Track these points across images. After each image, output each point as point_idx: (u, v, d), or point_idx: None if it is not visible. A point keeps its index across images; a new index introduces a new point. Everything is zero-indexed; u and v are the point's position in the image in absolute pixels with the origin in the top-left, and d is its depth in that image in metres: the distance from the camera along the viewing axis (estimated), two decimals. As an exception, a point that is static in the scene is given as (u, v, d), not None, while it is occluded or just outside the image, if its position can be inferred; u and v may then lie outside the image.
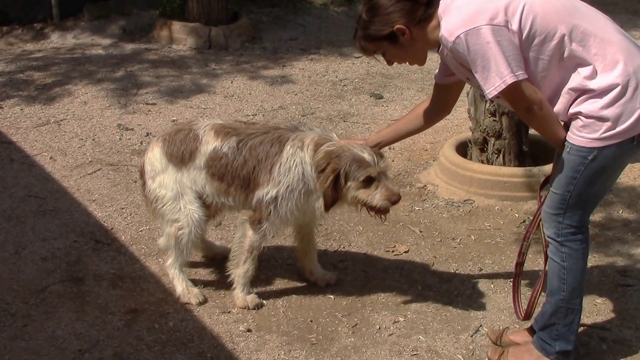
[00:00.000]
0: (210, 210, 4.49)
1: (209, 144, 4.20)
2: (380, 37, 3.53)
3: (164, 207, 4.32)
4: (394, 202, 3.95)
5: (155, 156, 4.34)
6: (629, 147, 3.36)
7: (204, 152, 4.21)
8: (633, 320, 4.27)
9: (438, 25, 3.44)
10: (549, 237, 3.62)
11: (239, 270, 4.30)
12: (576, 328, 3.72)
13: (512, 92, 3.29)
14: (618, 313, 4.34)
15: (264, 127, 4.25)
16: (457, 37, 3.28)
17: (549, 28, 3.27)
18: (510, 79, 3.24)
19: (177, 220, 4.30)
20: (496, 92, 3.28)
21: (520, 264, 3.95)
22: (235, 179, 4.18)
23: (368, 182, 3.92)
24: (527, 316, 3.88)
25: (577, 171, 3.40)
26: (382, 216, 4.06)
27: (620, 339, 4.12)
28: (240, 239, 4.27)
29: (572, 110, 3.35)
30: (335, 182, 3.93)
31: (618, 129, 3.28)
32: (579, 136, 3.34)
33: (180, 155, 4.27)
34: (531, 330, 3.92)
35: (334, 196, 3.97)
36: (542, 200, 3.71)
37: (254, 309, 4.34)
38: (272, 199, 4.07)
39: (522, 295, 3.99)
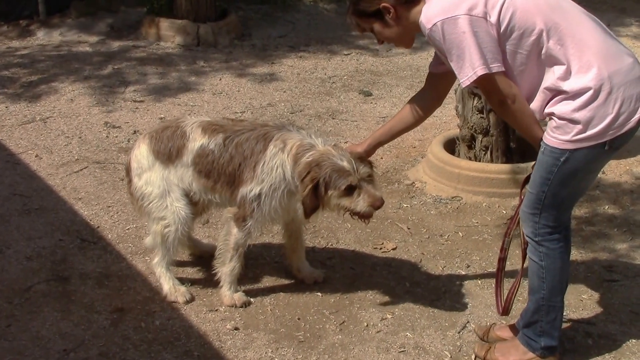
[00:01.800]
0: (197, 207, 4.47)
1: (196, 141, 4.19)
2: (368, 13, 3.57)
3: (150, 205, 4.30)
4: (377, 207, 3.92)
5: (142, 153, 4.32)
6: (601, 152, 3.34)
7: (191, 149, 4.20)
8: (618, 315, 4.28)
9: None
10: (527, 236, 3.63)
11: (225, 268, 4.29)
12: (559, 324, 3.73)
13: (484, 83, 3.32)
14: (603, 308, 4.35)
15: (251, 124, 4.24)
16: (434, 24, 3.30)
17: (528, 23, 3.27)
18: (481, 71, 3.26)
19: (163, 218, 4.29)
20: (468, 82, 3.31)
21: (502, 259, 3.94)
22: (221, 175, 4.16)
23: (349, 190, 3.89)
24: (505, 312, 3.89)
25: (550, 172, 3.39)
26: (366, 220, 4.02)
27: (605, 333, 4.13)
28: (226, 236, 4.25)
29: (547, 110, 3.36)
30: (315, 190, 3.90)
31: (589, 132, 3.27)
32: (552, 137, 3.34)
33: (168, 152, 4.25)
34: (517, 327, 3.92)
35: (314, 204, 3.95)
36: (522, 198, 3.70)
37: (242, 307, 4.32)
38: (255, 197, 4.06)
39: (504, 291, 3.97)
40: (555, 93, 3.31)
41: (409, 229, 5.29)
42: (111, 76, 8.69)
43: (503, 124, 5.86)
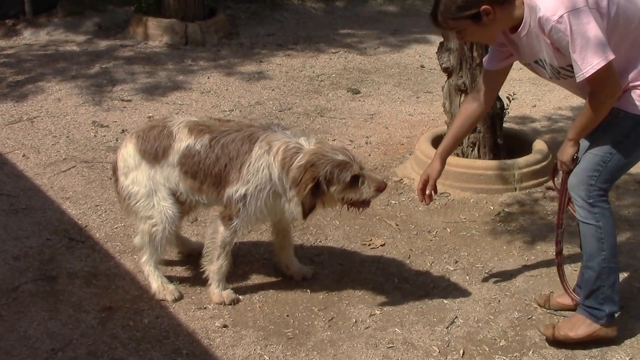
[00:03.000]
0: (184, 206, 4.47)
1: (182, 141, 4.19)
2: (464, 16, 3.53)
3: (137, 204, 4.30)
4: (383, 189, 4.03)
5: (128, 152, 4.31)
6: None
7: (177, 150, 4.20)
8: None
9: (521, 5, 3.51)
10: (579, 199, 3.72)
11: (213, 266, 4.29)
12: (618, 287, 3.83)
13: (604, 73, 3.40)
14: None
15: (238, 125, 4.25)
16: (561, 16, 3.36)
17: (630, 12, 3.49)
18: (604, 60, 3.36)
19: (150, 217, 4.28)
20: (593, 71, 3.37)
21: (559, 253, 4.11)
22: (207, 176, 4.17)
23: (354, 180, 3.96)
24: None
25: (626, 136, 3.59)
26: (361, 209, 4.13)
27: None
28: (212, 235, 4.25)
29: (633, 83, 3.55)
30: (314, 190, 3.94)
31: None
32: (636, 104, 3.55)
33: (154, 152, 4.24)
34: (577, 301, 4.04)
35: (312, 203, 4.00)
36: (562, 185, 3.93)
37: (230, 304, 4.32)
38: (241, 197, 4.07)
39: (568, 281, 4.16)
40: None
41: (397, 225, 5.30)
42: (99, 75, 8.66)
43: (490, 121, 5.88)
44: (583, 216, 3.74)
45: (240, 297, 4.38)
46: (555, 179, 4.13)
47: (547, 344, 3.99)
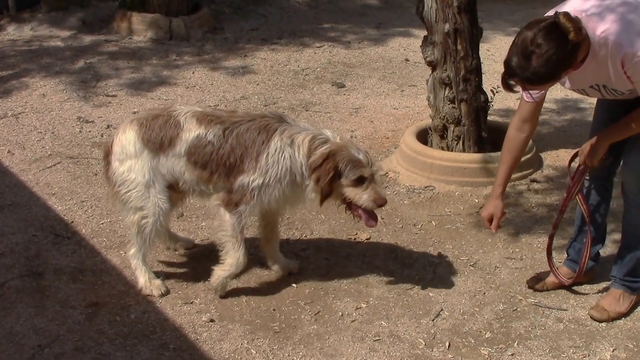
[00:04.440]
0: (175, 199, 4.45)
1: (191, 131, 4.14)
2: (548, 83, 3.56)
3: (130, 193, 4.23)
4: (380, 205, 4.07)
5: (128, 139, 4.21)
6: None
7: (185, 140, 4.14)
8: (588, 301, 4.36)
9: (586, 47, 3.51)
10: (637, 190, 3.98)
11: (230, 259, 4.25)
12: None
13: None
14: (574, 293, 4.43)
15: (248, 115, 4.25)
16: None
17: None
18: None
19: (142, 208, 4.23)
20: None
21: (552, 236, 4.37)
22: (220, 166, 4.13)
23: (359, 181, 4.02)
24: (579, 276, 4.31)
25: None
26: (358, 218, 4.16)
27: (576, 318, 4.21)
28: (220, 226, 4.21)
29: None
30: (332, 178, 4.01)
31: None
32: None
33: (159, 141, 4.17)
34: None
35: (329, 191, 4.06)
36: (576, 174, 4.14)
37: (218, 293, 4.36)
38: (258, 186, 4.08)
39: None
40: None
41: (382, 219, 5.31)
42: (83, 71, 8.63)
43: (475, 114, 5.92)
44: (635, 204, 4.02)
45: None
46: (573, 164, 4.27)
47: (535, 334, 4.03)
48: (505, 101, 7.58)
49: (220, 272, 4.29)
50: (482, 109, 6.00)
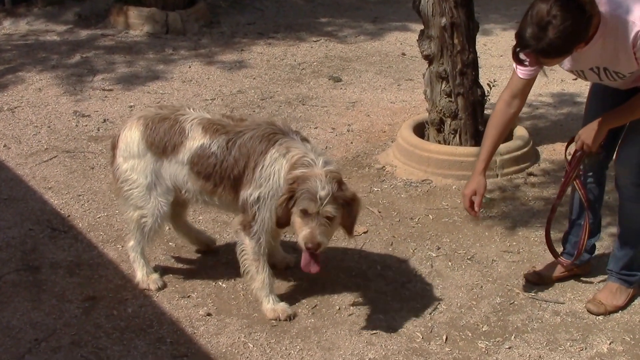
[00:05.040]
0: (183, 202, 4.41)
1: (195, 140, 4.04)
2: (561, 56, 3.51)
3: (131, 192, 4.21)
4: (309, 249, 3.75)
5: (132, 138, 4.17)
6: None
7: (189, 148, 4.05)
8: (585, 294, 4.37)
9: (596, 24, 3.49)
10: (627, 185, 3.99)
11: (256, 283, 4.13)
12: None
13: None
14: (570, 287, 4.44)
15: (254, 123, 4.08)
16: None
17: None
18: None
19: (141, 207, 4.22)
20: None
21: (551, 220, 4.36)
22: (224, 179, 4.02)
23: (304, 215, 3.75)
24: (577, 259, 4.32)
25: None
26: (305, 270, 3.88)
27: (573, 311, 4.22)
28: (241, 250, 4.10)
29: None
30: (287, 202, 3.80)
31: None
32: None
33: (163, 146, 4.11)
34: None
35: (284, 215, 3.84)
36: (573, 160, 4.12)
37: (286, 319, 4.12)
38: (255, 201, 3.94)
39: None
40: None
41: (379, 212, 5.32)
42: (79, 65, 8.61)
43: (471, 108, 5.92)
44: (630, 199, 4.03)
45: (292, 311, 4.18)
46: (568, 152, 4.24)
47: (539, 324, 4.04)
48: (502, 95, 7.57)
49: (264, 306, 4.16)
50: (478, 103, 5.99)
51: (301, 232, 3.77)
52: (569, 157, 4.23)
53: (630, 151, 3.95)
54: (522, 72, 3.86)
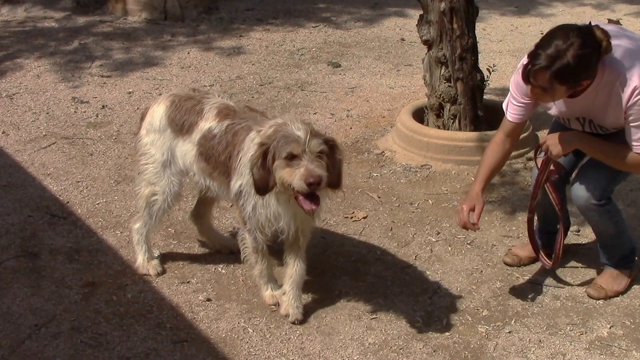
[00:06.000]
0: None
1: (207, 121, 3.99)
2: (569, 84, 3.53)
3: (147, 166, 4.19)
4: (310, 184, 3.40)
5: (158, 112, 4.16)
6: None
7: (200, 129, 4.01)
8: (584, 278, 4.37)
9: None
10: (592, 203, 3.94)
11: (255, 271, 4.08)
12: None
13: None
14: (570, 272, 4.44)
15: (259, 114, 3.97)
16: None
17: None
18: None
19: (154, 184, 4.19)
20: None
21: (531, 219, 4.29)
22: (218, 164, 3.96)
23: (291, 159, 3.47)
24: (555, 264, 4.26)
25: None
26: (310, 211, 3.53)
27: (572, 295, 4.22)
28: (241, 242, 4.03)
29: None
30: (265, 161, 3.55)
31: None
32: None
33: (181, 124, 4.08)
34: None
35: (263, 178, 3.56)
36: (541, 165, 4.03)
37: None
38: (237, 192, 3.82)
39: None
40: None
41: (379, 197, 5.32)
42: (78, 51, 8.59)
43: (471, 93, 5.90)
44: (595, 214, 4.00)
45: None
46: (538, 156, 4.13)
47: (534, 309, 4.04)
48: (501, 80, 7.55)
49: (262, 292, 4.13)
50: (478, 88, 5.98)
51: (295, 176, 3.43)
52: (538, 162, 4.13)
53: (595, 175, 3.94)
54: (512, 115, 3.99)
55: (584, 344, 3.82)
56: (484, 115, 6.01)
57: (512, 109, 3.97)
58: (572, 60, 3.41)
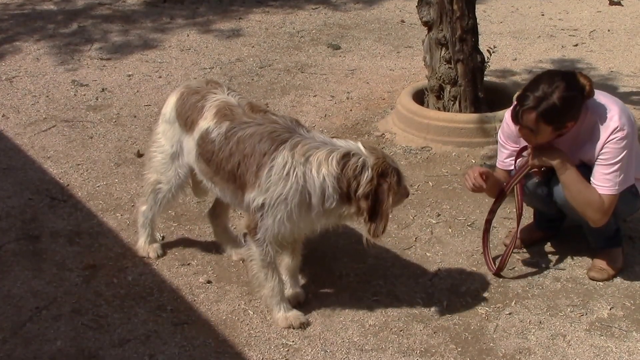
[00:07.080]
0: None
1: (206, 121, 3.86)
2: (555, 125, 3.77)
3: (156, 155, 4.18)
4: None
5: (170, 103, 4.12)
6: None
7: (200, 128, 3.89)
8: (584, 260, 4.36)
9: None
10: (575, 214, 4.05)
11: (265, 290, 3.84)
12: None
13: (612, 199, 3.86)
14: (571, 253, 4.43)
15: (262, 118, 3.77)
16: (627, 132, 3.79)
17: None
18: (620, 190, 3.88)
19: (161, 173, 4.17)
20: (608, 193, 3.83)
21: (489, 220, 4.34)
22: (220, 170, 3.82)
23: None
24: (500, 270, 4.22)
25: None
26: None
27: (573, 277, 4.22)
28: (249, 257, 3.83)
29: None
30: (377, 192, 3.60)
31: None
32: None
33: (185, 119, 4.01)
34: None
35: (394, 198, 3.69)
36: (518, 170, 4.12)
37: (300, 328, 3.82)
38: (258, 207, 3.64)
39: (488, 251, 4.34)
40: None
41: (379, 180, 5.30)
42: (77, 34, 8.55)
43: (471, 74, 5.88)
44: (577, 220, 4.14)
45: (305, 319, 3.88)
46: (518, 160, 4.17)
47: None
48: (501, 61, 7.53)
49: (275, 314, 3.87)
50: (478, 69, 5.95)
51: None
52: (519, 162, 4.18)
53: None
54: (501, 163, 4.30)
55: (584, 325, 3.83)
56: (484, 96, 6.00)
57: (500, 157, 4.28)
58: (558, 101, 3.69)
